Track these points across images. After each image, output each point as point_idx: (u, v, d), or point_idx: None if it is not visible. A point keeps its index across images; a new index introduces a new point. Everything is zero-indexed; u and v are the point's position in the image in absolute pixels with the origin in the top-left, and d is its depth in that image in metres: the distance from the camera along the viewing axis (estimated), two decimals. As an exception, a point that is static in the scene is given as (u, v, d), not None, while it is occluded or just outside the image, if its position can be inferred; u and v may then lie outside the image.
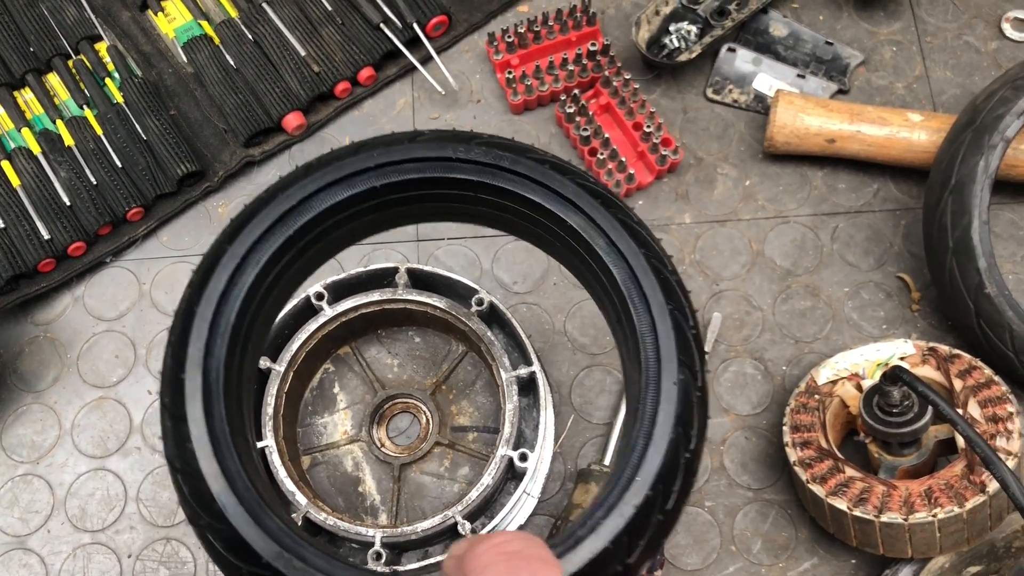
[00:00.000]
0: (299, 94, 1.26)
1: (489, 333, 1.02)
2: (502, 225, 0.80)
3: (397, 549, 0.98)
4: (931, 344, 1.07)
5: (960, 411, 0.95)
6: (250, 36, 1.30)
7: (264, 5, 1.32)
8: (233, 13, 1.33)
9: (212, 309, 0.66)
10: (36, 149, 1.23)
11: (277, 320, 1.03)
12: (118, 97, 1.27)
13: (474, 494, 0.96)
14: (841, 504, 0.96)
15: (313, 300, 1.04)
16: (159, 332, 1.20)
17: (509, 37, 1.28)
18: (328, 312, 1.04)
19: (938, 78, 1.30)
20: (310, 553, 0.60)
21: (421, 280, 1.07)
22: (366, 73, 1.29)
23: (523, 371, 1.00)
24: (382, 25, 1.29)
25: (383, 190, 0.73)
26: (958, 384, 1.02)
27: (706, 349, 1.15)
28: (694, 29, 1.27)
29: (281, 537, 0.60)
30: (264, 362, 1.01)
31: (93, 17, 1.33)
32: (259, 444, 0.97)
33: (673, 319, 0.68)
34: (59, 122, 1.26)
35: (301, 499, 0.96)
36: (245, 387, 0.70)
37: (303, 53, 1.29)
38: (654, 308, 0.68)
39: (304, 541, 0.61)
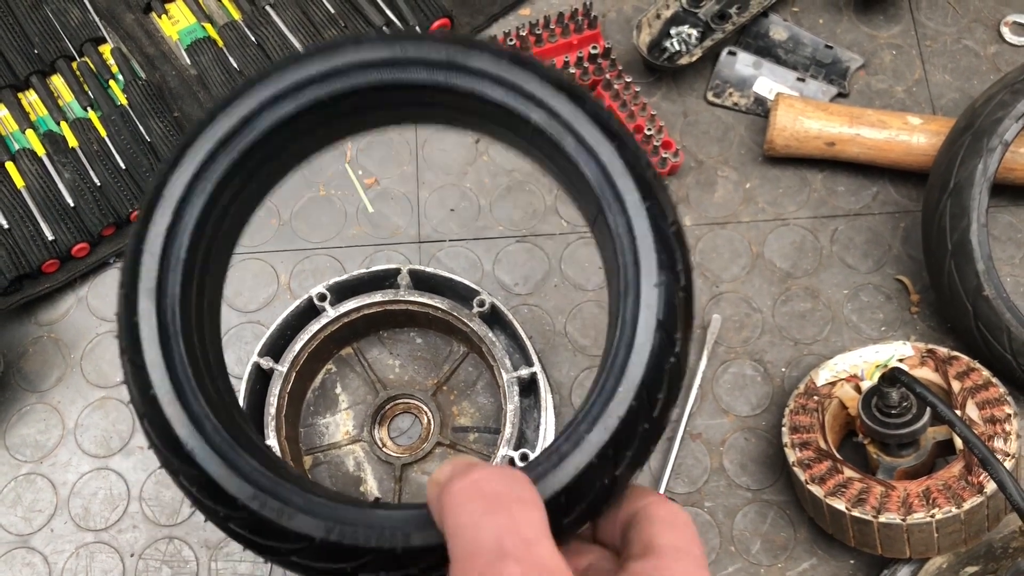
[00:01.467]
0: (302, 96, 1.27)
1: (490, 334, 1.03)
2: (463, 125, 0.75)
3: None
4: (930, 346, 1.08)
5: (958, 412, 0.96)
6: (253, 38, 1.31)
7: (267, 8, 1.32)
8: (236, 16, 1.33)
9: (160, 245, 0.63)
10: (40, 150, 1.24)
11: (279, 320, 1.03)
12: (122, 99, 1.28)
13: (475, 494, 0.96)
14: (840, 505, 0.97)
15: (316, 301, 1.04)
16: (162, 332, 1.20)
17: (511, 40, 1.28)
18: (330, 313, 1.04)
19: (937, 82, 1.31)
20: (286, 491, 0.58)
21: (423, 281, 1.07)
22: (368, 75, 1.30)
23: (524, 372, 1.01)
24: (384, 28, 1.30)
25: (330, 101, 0.68)
26: (956, 386, 1.03)
27: (705, 351, 1.15)
28: (695, 33, 1.28)
29: (255, 477, 0.58)
30: (267, 362, 1.02)
31: (97, 19, 1.34)
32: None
33: (651, 216, 0.64)
34: (63, 124, 1.26)
35: (303, 498, 0.96)
36: (208, 323, 0.67)
37: (306, 55, 1.29)
38: (629, 207, 0.64)
39: (280, 479, 0.59)
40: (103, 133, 1.26)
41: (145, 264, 0.63)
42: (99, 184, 1.23)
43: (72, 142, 1.25)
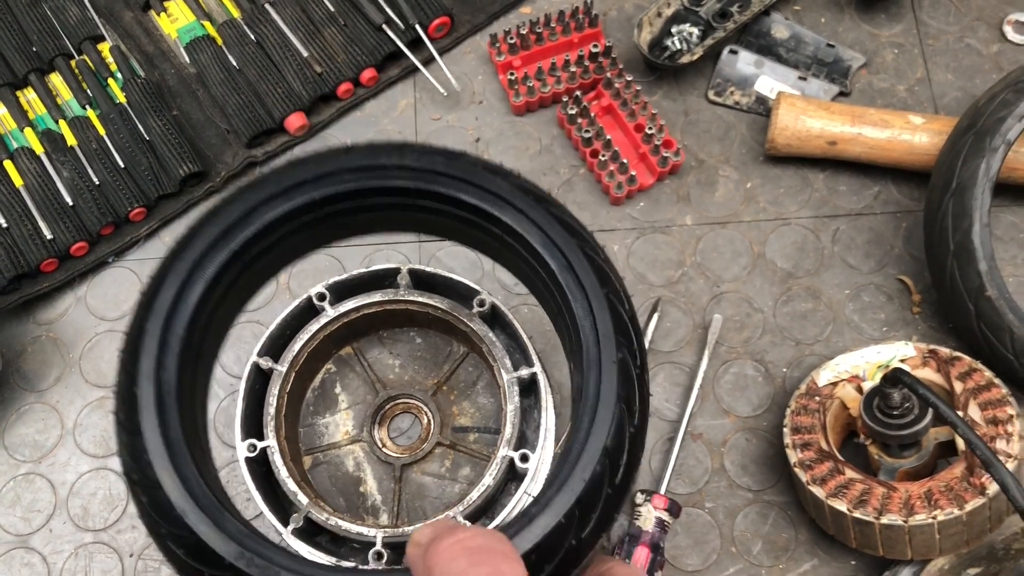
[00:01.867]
0: (301, 95, 1.27)
1: (490, 334, 1.02)
2: (441, 232, 0.82)
3: (398, 549, 0.98)
4: (931, 347, 1.07)
5: (960, 414, 0.95)
6: (253, 37, 1.31)
7: (267, 6, 1.32)
8: (236, 14, 1.33)
9: (161, 324, 0.67)
10: (39, 149, 1.24)
11: (278, 320, 1.03)
12: (121, 97, 1.28)
13: (475, 495, 0.96)
14: (841, 506, 0.97)
15: (315, 301, 1.04)
16: (161, 332, 1.20)
17: (511, 38, 1.28)
18: (330, 313, 1.04)
19: (940, 81, 1.31)
20: (270, 551, 0.61)
21: (423, 281, 1.07)
22: (368, 74, 1.29)
23: (524, 372, 1.00)
24: (384, 26, 1.29)
25: (321, 202, 0.75)
26: (958, 386, 1.02)
27: (706, 351, 1.15)
28: (696, 31, 1.28)
29: (241, 538, 0.61)
30: (266, 362, 1.01)
31: (96, 17, 1.33)
32: (261, 444, 0.98)
33: (609, 302, 0.71)
34: (62, 122, 1.26)
35: (303, 499, 0.96)
36: (199, 398, 0.72)
37: (305, 54, 1.29)
38: (590, 293, 0.71)
39: (264, 541, 0.62)
40: (102, 131, 1.25)
41: (147, 341, 0.67)
42: (98, 183, 1.22)
43: (71, 140, 1.25)
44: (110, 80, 1.29)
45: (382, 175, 0.75)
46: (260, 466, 0.99)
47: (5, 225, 1.19)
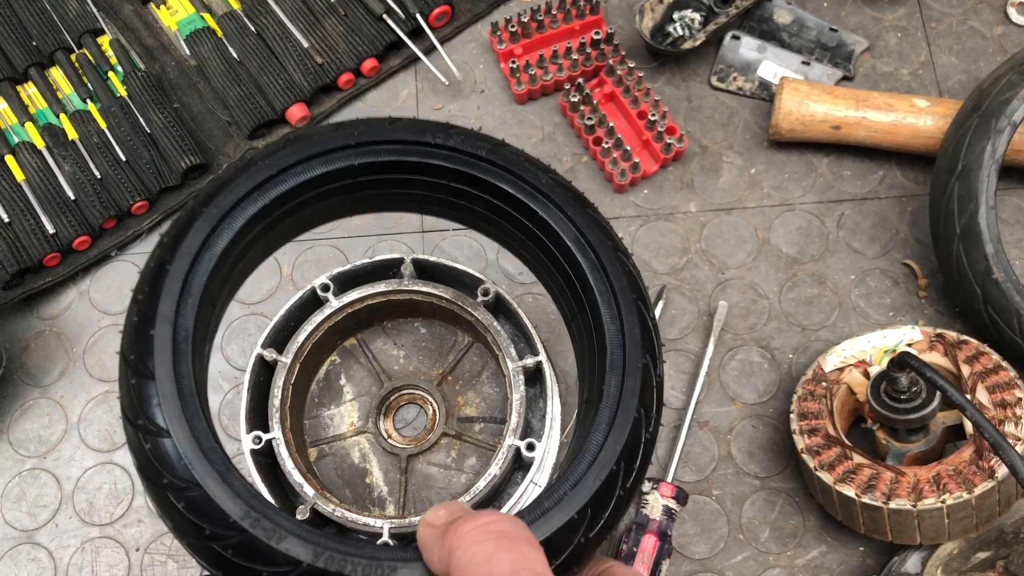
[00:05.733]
0: (302, 86, 1.26)
1: (495, 323, 1.02)
2: (468, 217, 0.82)
3: (405, 540, 0.98)
4: (938, 330, 1.07)
5: (968, 397, 0.95)
6: (253, 28, 1.30)
7: (266, -3, 1.32)
8: (235, 5, 1.32)
9: (185, 268, 0.66)
10: (40, 143, 1.23)
11: (282, 311, 1.03)
12: (121, 91, 1.27)
13: (482, 484, 0.96)
14: (849, 491, 0.96)
15: (319, 291, 1.04)
16: (165, 325, 1.20)
17: (512, 27, 1.27)
18: (334, 303, 1.04)
19: (943, 64, 1.30)
20: (277, 514, 0.60)
21: (427, 271, 1.06)
22: (369, 64, 1.29)
23: (529, 361, 1.00)
24: (385, 16, 1.29)
25: (360, 169, 0.74)
26: (966, 370, 1.02)
27: (712, 338, 1.14)
28: (698, 17, 1.27)
29: (248, 497, 0.60)
30: (270, 354, 1.01)
31: (95, 11, 1.33)
32: (266, 436, 0.97)
33: (637, 308, 0.72)
34: (63, 116, 1.26)
35: (308, 490, 0.95)
36: (206, 352, 0.71)
37: (306, 45, 1.28)
38: (620, 297, 0.72)
39: (270, 504, 0.61)
40: (103, 125, 1.25)
41: (168, 283, 0.67)
42: (99, 176, 1.22)
43: (72, 134, 1.24)
44: (110, 73, 1.29)
45: (425, 152, 0.75)
46: (265, 458, 0.99)
47: (7, 220, 1.19)
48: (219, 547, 0.60)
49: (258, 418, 1.00)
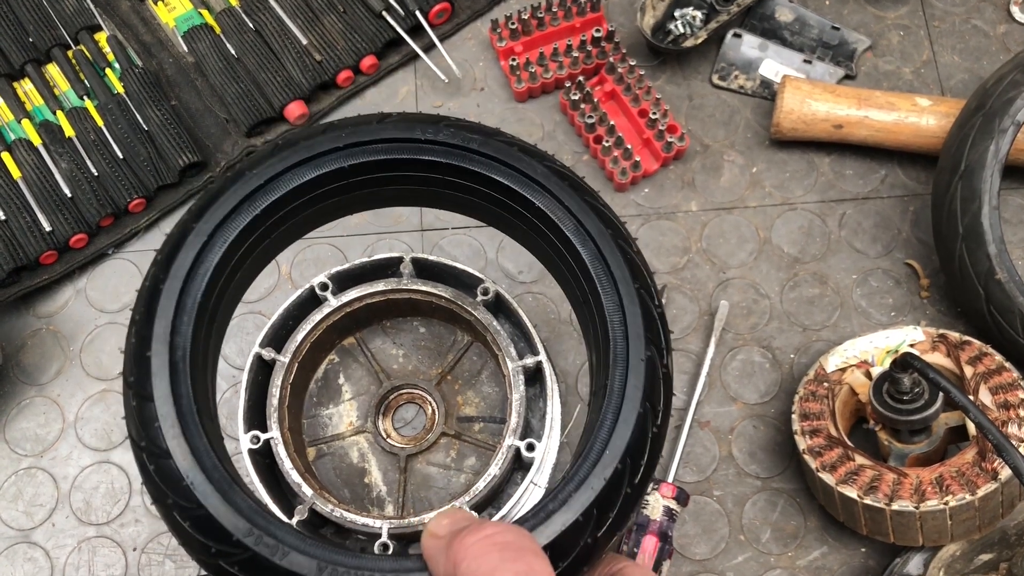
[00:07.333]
0: (301, 83, 1.25)
1: (495, 323, 1.01)
2: (466, 209, 0.81)
3: (404, 540, 0.97)
4: (941, 331, 1.06)
5: (971, 398, 0.94)
6: (251, 25, 1.29)
7: (265, -7, 1.31)
8: (234, 2, 1.31)
9: (179, 287, 0.66)
10: (36, 140, 1.23)
11: (281, 310, 1.02)
12: (118, 87, 1.26)
13: (481, 484, 0.95)
14: (851, 492, 0.96)
15: (318, 290, 1.03)
16: (162, 324, 1.19)
17: (512, 24, 1.26)
18: (333, 302, 1.03)
19: (946, 62, 1.29)
20: (280, 529, 0.60)
21: (426, 270, 1.06)
22: (368, 61, 1.28)
23: (529, 361, 0.99)
24: (384, 13, 1.28)
25: (351, 171, 0.73)
26: (969, 371, 1.01)
27: (713, 338, 1.14)
28: (699, 15, 1.26)
29: (251, 514, 0.60)
30: (268, 353, 1.00)
31: (92, 7, 1.32)
32: (264, 435, 0.97)
33: (640, 298, 0.70)
34: (59, 113, 1.25)
35: (307, 490, 0.95)
36: (210, 367, 0.71)
37: (305, 42, 1.28)
38: (621, 287, 0.70)
39: (274, 519, 0.60)
40: (100, 122, 1.24)
41: (163, 303, 0.66)
42: (96, 174, 1.21)
43: (69, 132, 1.24)
44: (108, 70, 1.28)
45: (415, 148, 0.74)
46: (263, 458, 0.98)
47: (3, 217, 1.18)
48: (226, 564, 0.60)
49: (256, 417, 1.00)
